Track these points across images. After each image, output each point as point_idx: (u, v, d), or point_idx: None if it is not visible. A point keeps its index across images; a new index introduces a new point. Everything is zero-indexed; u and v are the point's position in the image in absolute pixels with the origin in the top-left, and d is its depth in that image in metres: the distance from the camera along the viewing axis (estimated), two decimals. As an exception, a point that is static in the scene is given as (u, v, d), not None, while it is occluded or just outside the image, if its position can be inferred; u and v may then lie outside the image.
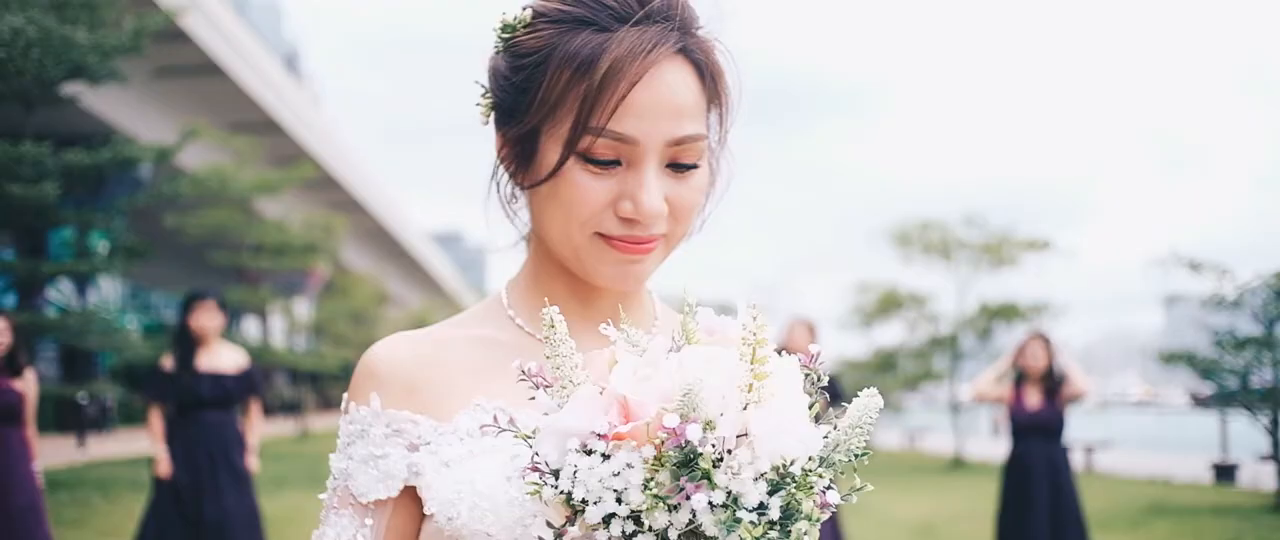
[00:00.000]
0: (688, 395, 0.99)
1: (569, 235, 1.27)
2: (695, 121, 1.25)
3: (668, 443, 0.97)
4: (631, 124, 1.20)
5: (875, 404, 1.09)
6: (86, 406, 23.05)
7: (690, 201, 1.28)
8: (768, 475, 0.99)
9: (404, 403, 1.31)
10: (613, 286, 1.31)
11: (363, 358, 1.36)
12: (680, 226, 1.30)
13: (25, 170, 15.01)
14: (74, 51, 14.95)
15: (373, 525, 1.30)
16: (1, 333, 7.30)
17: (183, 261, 33.45)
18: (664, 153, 1.23)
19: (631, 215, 1.23)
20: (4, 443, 7.27)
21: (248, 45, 27.31)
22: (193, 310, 7.89)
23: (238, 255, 27.50)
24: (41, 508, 7.43)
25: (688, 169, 1.26)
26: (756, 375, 1.02)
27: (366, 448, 1.31)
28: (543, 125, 1.24)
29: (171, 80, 25.36)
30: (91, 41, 15.16)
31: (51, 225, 18.19)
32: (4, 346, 7.27)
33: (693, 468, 0.98)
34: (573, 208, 1.24)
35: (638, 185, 1.22)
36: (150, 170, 22.52)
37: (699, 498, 0.96)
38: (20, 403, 7.29)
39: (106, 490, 14.49)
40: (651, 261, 1.29)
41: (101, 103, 20.67)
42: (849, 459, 1.08)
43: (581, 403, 1.04)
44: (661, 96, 1.21)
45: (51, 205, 15.28)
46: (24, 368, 7.42)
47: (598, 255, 1.27)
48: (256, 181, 25.45)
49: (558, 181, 1.24)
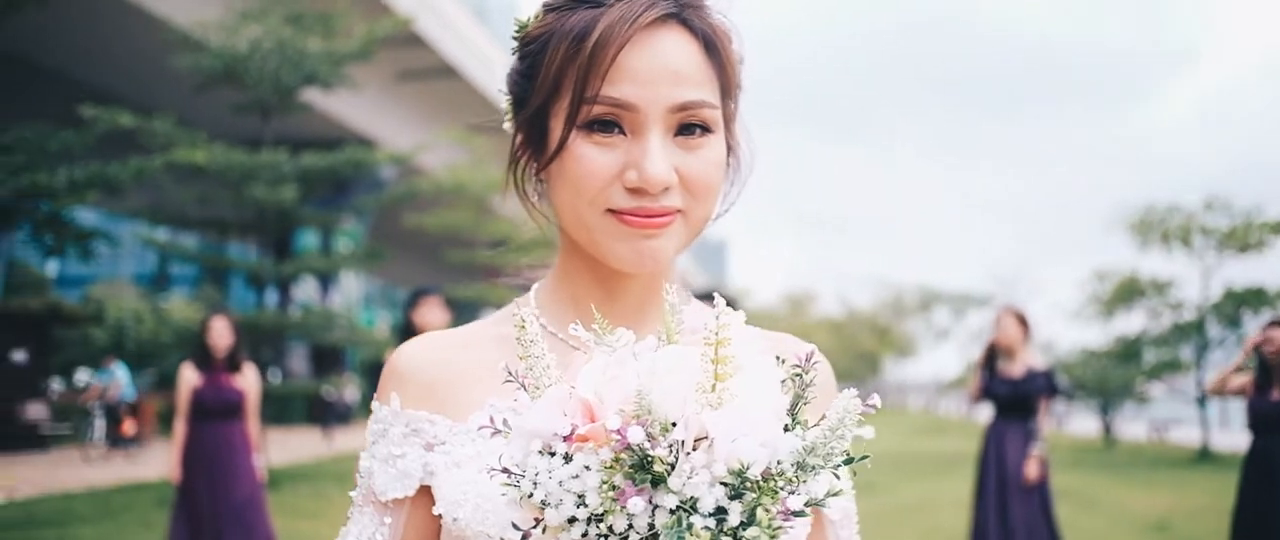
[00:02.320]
0: (640, 396, 0.98)
1: (581, 215, 1.26)
2: (698, 88, 1.24)
3: (616, 445, 0.96)
4: (629, 89, 1.20)
5: (854, 406, 1.04)
6: (332, 401, 24.06)
7: (704, 175, 1.26)
8: (724, 479, 0.96)
9: (423, 402, 1.32)
10: (631, 268, 1.28)
11: (390, 357, 1.39)
12: (698, 204, 1.27)
13: (265, 174, 15.74)
14: (308, 61, 15.60)
15: (391, 524, 1.32)
16: (223, 333, 7.69)
17: (425, 259, 34.56)
18: (667, 120, 1.23)
19: (637, 184, 1.21)
20: (227, 437, 7.65)
21: (484, 47, 28.02)
22: (417, 306, 8.09)
23: (473, 253, 28.24)
24: (262, 500, 7.79)
25: (695, 135, 1.25)
26: (718, 376, 1.00)
27: (387, 447, 1.33)
28: (548, 105, 1.26)
29: (411, 83, 26.25)
30: (325, 51, 15.79)
31: (294, 227, 19.01)
32: (226, 346, 7.66)
33: (647, 471, 0.96)
34: (580, 182, 1.23)
35: (641, 153, 1.21)
36: (392, 171, 23.33)
37: (635, 502, 0.94)
38: (241, 399, 7.70)
39: (344, 483, 15.10)
40: (669, 239, 1.26)
41: (341, 107, 21.51)
42: (825, 465, 1.03)
43: (547, 404, 1.03)
44: (658, 61, 1.22)
45: (291, 208, 15.98)
46: (243, 365, 7.78)
47: (611, 233, 1.25)
48: (493, 181, 26.06)
49: (565, 158, 1.24)
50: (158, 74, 16.73)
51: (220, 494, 7.51)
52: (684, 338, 1.08)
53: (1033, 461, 7.99)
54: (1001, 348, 8.26)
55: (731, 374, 1.00)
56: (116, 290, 48.53)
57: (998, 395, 8.24)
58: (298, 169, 16.26)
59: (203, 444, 7.59)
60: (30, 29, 14.70)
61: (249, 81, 15.81)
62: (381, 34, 16.62)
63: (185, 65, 15.73)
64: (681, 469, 0.96)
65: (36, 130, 8.82)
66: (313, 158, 16.39)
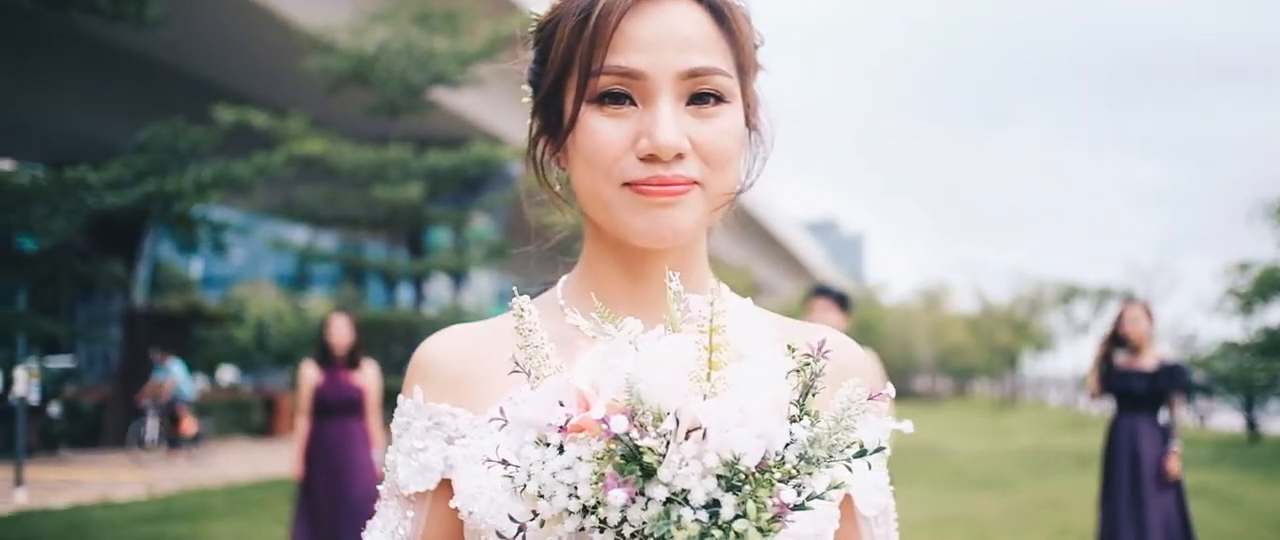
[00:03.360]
0: (630, 385, 0.96)
1: (598, 190, 1.25)
2: (707, 55, 1.23)
3: (606, 435, 0.94)
4: (635, 57, 1.20)
5: (859, 396, 1.00)
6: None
7: (719, 144, 1.24)
8: (716, 471, 0.93)
9: (446, 396, 1.32)
10: (650, 242, 1.25)
11: (416, 351, 1.38)
12: (716, 174, 1.25)
13: (391, 172, 15.95)
14: (435, 60, 15.76)
15: (413, 517, 1.32)
16: (342, 330, 7.79)
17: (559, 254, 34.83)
18: (679, 88, 1.22)
19: (649, 150, 1.20)
20: (347, 433, 7.74)
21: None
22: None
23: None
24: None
25: (709, 104, 1.24)
26: (712, 364, 0.97)
27: (410, 440, 1.32)
28: (560, 84, 1.27)
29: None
30: (452, 50, 15.93)
31: (426, 225, 19.25)
32: (346, 343, 7.75)
33: (637, 462, 0.94)
34: (593, 156, 1.23)
35: (652, 120, 1.20)
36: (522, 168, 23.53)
37: (616, 494, 0.92)
38: (361, 396, 7.78)
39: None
40: (687, 210, 1.24)
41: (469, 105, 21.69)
42: (832, 456, 0.99)
43: (543, 395, 1.02)
44: (664, 29, 1.22)
45: (419, 205, 16.17)
46: (362, 362, 7.86)
47: (628, 207, 1.24)
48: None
49: (578, 134, 1.24)
50: (292, 77, 17.05)
51: (339, 489, 7.61)
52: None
53: (1174, 457, 7.71)
54: (1130, 341, 7.97)
55: (727, 363, 0.97)
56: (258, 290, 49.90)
57: (1133, 390, 7.96)
58: (425, 167, 16.45)
59: (323, 440, 7.72)
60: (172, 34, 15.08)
61: (377, 82, 16.04)
62: (507, 32, 16.71)
63: (315, 67, 16.01)
64: (671, 460, 0.94)
65: (168, 128, 9.02)
66: (439, 155, 16.58)
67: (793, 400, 1.00)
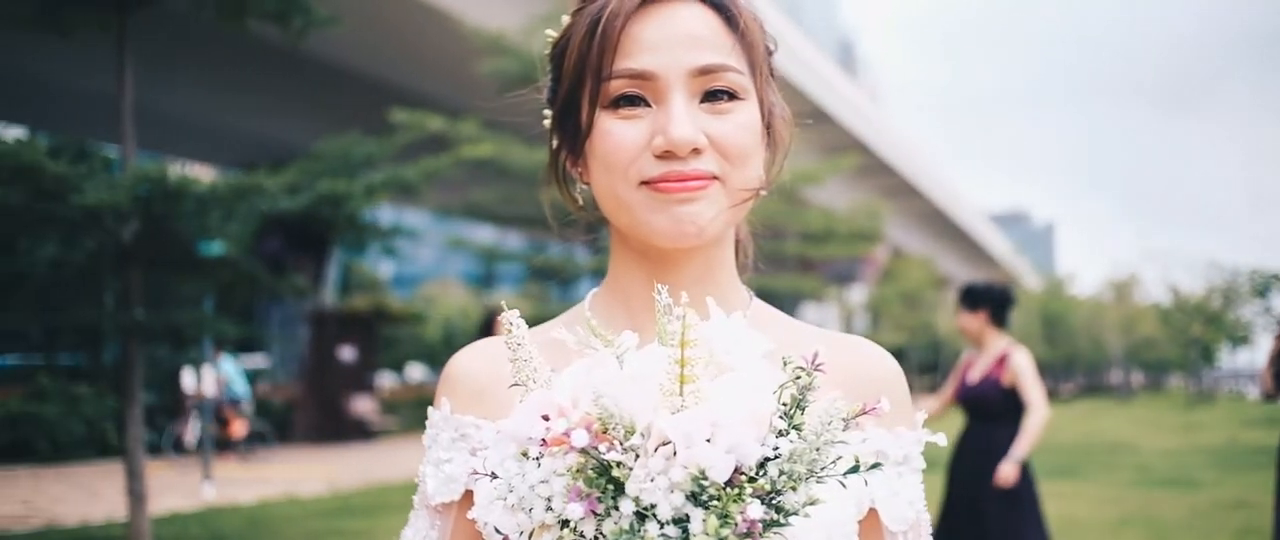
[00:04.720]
0: (598, 399, 0.97)
1: (617, 193, 1.25)
2: (718, 52, 1.24)
3: (569, 449, 0.96)
4: (644, 58, 1.22)
5: (838, 410, 0.98)
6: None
7: (736, 139, 1.24)
8: (682, 486, 0.93)
9: (472, 407, 1.34)
10: (672, 240, 1.25)
11: (447, 364, 1.41)
12: (735, 169, 1.25)
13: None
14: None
15: (439, 528, 1.35)
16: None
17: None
18: (691, 85, 1.23)
19: (664, 147, 1.20)
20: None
21: (794, 40, 27.90)
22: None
23: (784, 244, 28.10)
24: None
25: (722, 101, 1.24)
26: (683, 378, 0.97)
27: (437, 452, 1.35)
28: (575, 96, 1.27)
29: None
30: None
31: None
32: None
33: (607, 476, 0.95)
34: (609, 157, 1.24)
35: (665, 117, 1.21)
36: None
37: (573, 508, 0.94)
38: None
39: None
40: (707, 205, 1.23)
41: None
42: (810, 473, 0.97)
43: (527, 408, 1.02)
44: (672, 29, 1.23)
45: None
46: None
47: (648, 206, 1.23)
48: (801, 173, 25.91)
49: (594, 138, 1.25)
50: (468, 80, 17.33)
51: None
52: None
53: None
54: (1315, 335, 7.45)
55: (701, 377, 0.97)
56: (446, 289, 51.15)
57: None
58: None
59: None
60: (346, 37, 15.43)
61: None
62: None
63: (488, 70, 16.22)
64: (637, 474, 0.94)
65: (342, 142, 9.19)
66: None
67: (780, 414, 0.98)
